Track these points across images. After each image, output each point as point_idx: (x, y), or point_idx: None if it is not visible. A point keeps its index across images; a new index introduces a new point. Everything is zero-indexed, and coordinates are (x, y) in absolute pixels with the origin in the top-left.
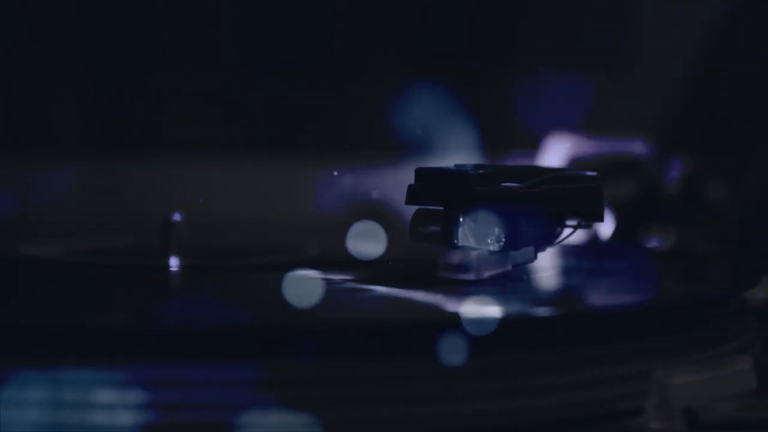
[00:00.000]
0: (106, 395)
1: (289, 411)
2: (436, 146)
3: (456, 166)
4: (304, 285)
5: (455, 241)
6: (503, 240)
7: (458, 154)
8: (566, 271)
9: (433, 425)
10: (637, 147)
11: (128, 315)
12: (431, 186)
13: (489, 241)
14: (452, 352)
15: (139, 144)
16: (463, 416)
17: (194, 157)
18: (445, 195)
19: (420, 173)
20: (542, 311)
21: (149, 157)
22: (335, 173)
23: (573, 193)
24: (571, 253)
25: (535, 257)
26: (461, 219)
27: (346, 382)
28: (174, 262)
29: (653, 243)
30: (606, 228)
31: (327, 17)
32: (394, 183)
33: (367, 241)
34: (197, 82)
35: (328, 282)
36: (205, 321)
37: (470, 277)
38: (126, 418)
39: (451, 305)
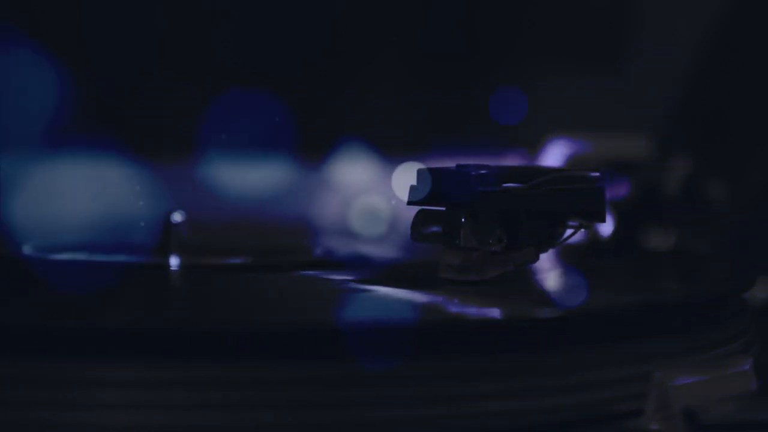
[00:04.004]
0: (105, 395)
1: (289, 411)
2: (437, 146)
3: (457, 166)
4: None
5: (457, 241)
6: (504, 240)
7: (460, 154)
8: (567, 271)
9: (432, 426)
10: (637, 147)
11: (128, 315)
12: (432, 186)
13: (490, 241)
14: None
15: (139, 144)
16: (462, 417)
17: (194, 156)
18: (446, 195)
19: (421, 173)
20: (542, 312)
21: (149, 157)
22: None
23: (574, 194)
24: (571, 253)
25: (537, 258)
26: (463, 219)
27: (344, 382)
28: (174, 262)
29: (653, 243)
30: (606, 228)
31: (327, 18)
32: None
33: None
34: (197, 82)
35: (329, 282)
36: (204, 321)
37: (472, 277)
38: (125, 417)
39: (450, 306)
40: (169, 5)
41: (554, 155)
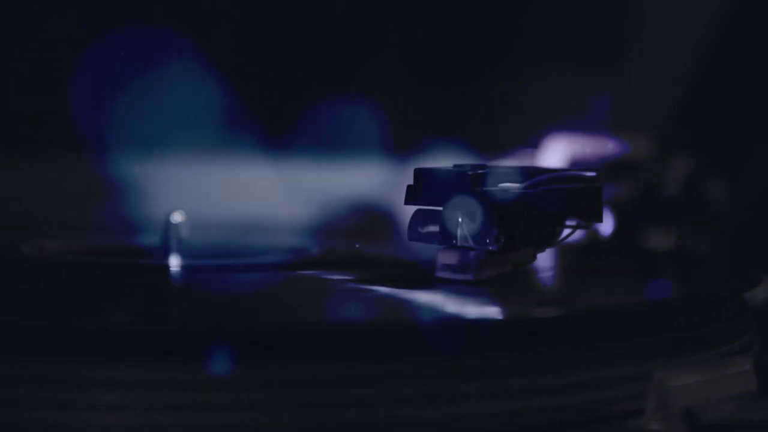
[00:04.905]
0: (105, 395)
1: (289, 411)
2: (436, 148)
3: (455, 166)
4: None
5: (454, 241)
6: (502, 240)
7: (458, 154)
8: (565, 271)
9: (432, 426)
10: (637, 147)
11: (128, 315)
12: (430, 186)
13: (488, 241)
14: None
15: (139, 143)
16: (461, 417)
17: (194, 157)
18: (443, 195)
19: (418, 173)
20: (542, 311)
21: (148, 157)
22: None
23: (572, 194)
24: (570, 253)
25: (535, 258)
26: (460, 219)
27: (344, 382)
28: (174, 262)
29: (653, 243)
30: (606, 228)
31: (327, 18)
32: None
33: None
34: (196, 81)
35: (329, 282)
36: (203, 322)
37: (469, 277)
38: (125, 417)
39: (449, 306)
40: (169, 5)
41: (554, 155)
